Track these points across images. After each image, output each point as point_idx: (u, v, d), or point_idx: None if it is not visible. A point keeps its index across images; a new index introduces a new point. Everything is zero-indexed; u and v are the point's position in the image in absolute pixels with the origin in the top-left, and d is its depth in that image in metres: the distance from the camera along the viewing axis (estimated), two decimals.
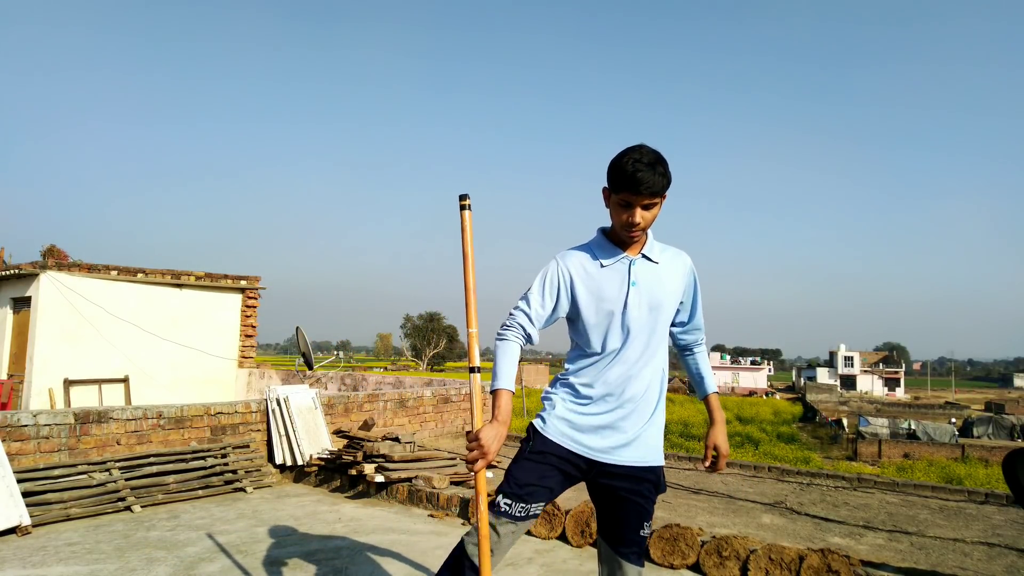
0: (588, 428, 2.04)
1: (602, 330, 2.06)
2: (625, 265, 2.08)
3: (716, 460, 2.16)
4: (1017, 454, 3.32)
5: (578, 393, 2.08)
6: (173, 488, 5.16)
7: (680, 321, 2.23)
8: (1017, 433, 33.55)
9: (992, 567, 3.56)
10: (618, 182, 1.95)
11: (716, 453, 2.15)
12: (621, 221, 2.01)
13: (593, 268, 2.09)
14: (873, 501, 5.08)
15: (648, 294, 2.06)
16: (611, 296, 2.05)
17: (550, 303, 2.10)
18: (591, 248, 2.13)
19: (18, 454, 4.75)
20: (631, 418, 2.04)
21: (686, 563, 3.74)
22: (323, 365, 15.63)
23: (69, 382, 10.59)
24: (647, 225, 2.02)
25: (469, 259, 2.08)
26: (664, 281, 2.10)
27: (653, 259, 2.11)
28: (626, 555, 2.05)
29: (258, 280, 13.14)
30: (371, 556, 3.92)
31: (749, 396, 55.50)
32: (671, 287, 2.11)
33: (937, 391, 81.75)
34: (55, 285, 10.63)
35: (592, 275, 2.08)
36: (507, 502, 2.00)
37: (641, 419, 2.06)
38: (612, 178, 1.98)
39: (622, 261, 2.08)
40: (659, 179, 1.93)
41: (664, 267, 2.12)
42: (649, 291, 2.06)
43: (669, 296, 2.10)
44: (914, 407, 49.39)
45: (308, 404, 6.36)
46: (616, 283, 2.06)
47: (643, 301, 2.05)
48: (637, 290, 2.06)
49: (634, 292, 2.05)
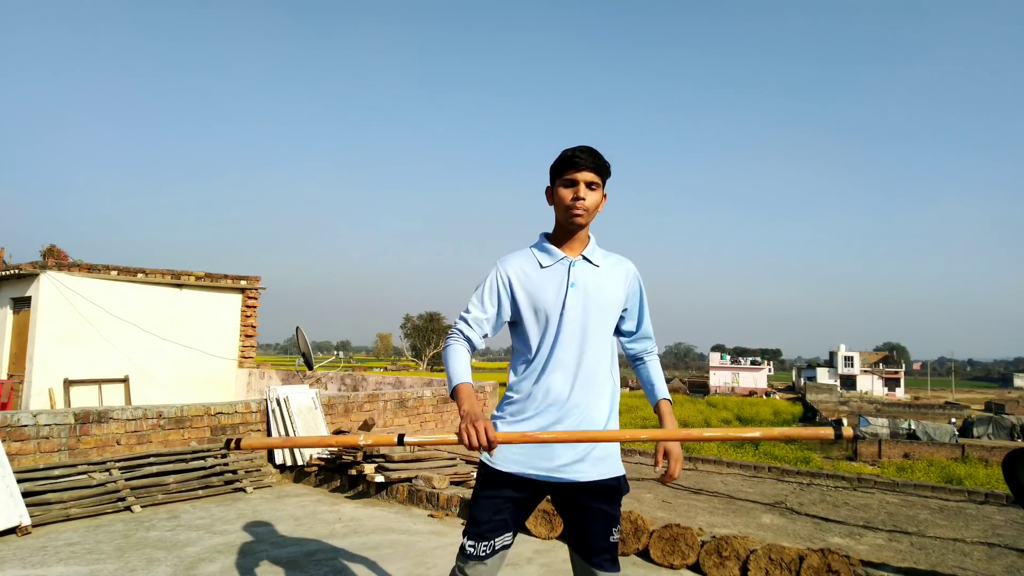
0: (537, 446, 1.98)
1: (539, 332, 2.04)
2: (564, 267, 2.06)
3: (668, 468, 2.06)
4: (1017, 454, 3.32)
5: (522, 407, 2.03)
6: (173, 488, 5.16)
7: (627, 330, 2.19)
8: (1017, 433, 33.58)
9: (992, 567, 3.56)
10: (560, 165, 2.05)
11: (667, 461, 2.07)
12: (566, 203, 2.02)
13: (532, 270, 2.08)
14: (873, 501, 5.08)
15: (588, 297, 2.04)
16: (549, 298, 2.03)
17: (491, 308, 2.08)
18: (532, 251, 2.12)
19: (18, 454, 4.75)
20: (581, 428, 1.98)
21: (686, 563, 3.74)
22: (323, 365, 15.64)
23: (69, 382, 10.59)
24: (591, 208, 2.03)
25: None
26: (605, 285, 2.08)
27: (594, 262, 2.09)
28: (599, 564, 2.01)
29: (258, 280, 13.15)
30: (371, 556, 3.92)
31: (749, 396, 55.55)
32: (612, 291, 2.08)
33: (937, 391, 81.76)
34: (55, 285, 10.63)
35: (531, 277, 2.07)
36: (471, 543, 1.98)
37: (592, 429, 2.00)
38: (555, 167, 2.08)
39: (561, 263, 2.07)
40: (598, 158, 2.03)
41: (605, 271, 2.10)
42: (589, 294, 2.04)
43: (610, 300, 2.07)
44: (914, 407, 49.42)
45: (308, 404, 6.36)
46: (555, 285, 2.04)
47: (582, 304, 2.03)
48: (576, 292, 2.03)
49: (572, 294, 2.03)
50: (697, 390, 61.22)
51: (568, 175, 2.02)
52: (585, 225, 2.07)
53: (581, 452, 1.98)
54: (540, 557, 3.89)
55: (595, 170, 2.02)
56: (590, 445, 1.98)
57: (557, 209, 2.08)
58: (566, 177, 2.02)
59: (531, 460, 1.98)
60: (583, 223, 2.05)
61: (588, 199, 2.01)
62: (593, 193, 2.03)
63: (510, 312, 2.10)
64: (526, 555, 3.93)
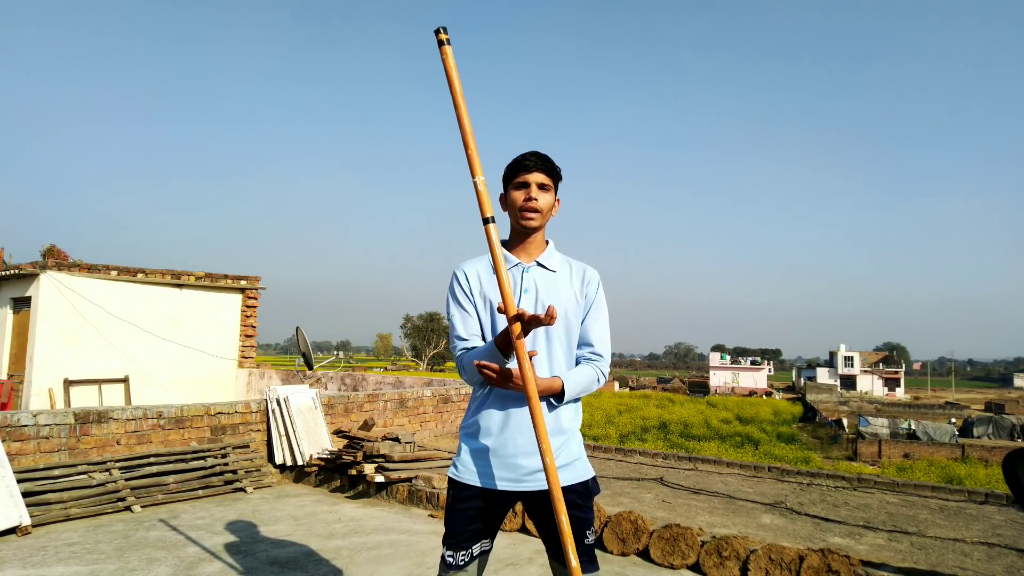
0: (502, 455, 1.98)
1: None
2: (518, 272, 2.06)
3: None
4: (1017, 454, 3.32)
5: (483, 418, 2.02)
6: (173, 488, 5.16)
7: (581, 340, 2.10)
8: (1017, 433, 33.55)
9: (992, 567, 3.56)
10: (511, 169, 2.08)
11: None
12: (519, 205, 2.04)
13: (486, 276, 2.08)
14: (873, 501, 5.08)
15: (540, 302, 2.02)
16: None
17: (472, 313, 2.07)
18: (487, 257, 2.10)
19: (18, 454, 4.75)
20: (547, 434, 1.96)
21: (686, 563, 3.74)
22: (323, 365, 15.64)
23: (69, 382, 10.59)
24: (543, 209, 2.04)
25: (460, 100, 1.82)
26: (562, 290, 2.06)
27: (550, 267, 2.09)
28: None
29: (258, 280, 13.14)
30: (371, 556, 3.92)
31: (749, 396, 55.51)
32: (568, 296, 2.06)
33: (937, 391, 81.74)
34: (55, 285, 10.63)
35: (484, 283, 2.07)
36: (449, 553, 2.01)
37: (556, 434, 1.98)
38: (506, 173, 2.10)
39: (515, 269, 2.07)
40: (548, 161, 2.06)
41: (562, 276, 2.09)
42: (542, 299, 2.03)
43: (569, 306, 2.05)
44: (914, 407, 49.37)
45: (308, 404, 6.36)
46: None
47: (536, 309, 2.00)
48: (529, 298, 2.02)
49: (526, 300, 2.02)
50: (697, 390, 61.20)
51: (519, 178, 2.05)
52: (538, 227, 2.07)
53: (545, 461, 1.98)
54: (540, 557, 3.89)
55: (545, 172, 2.04)
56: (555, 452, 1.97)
57: (511, 213, 2.09)
58: (517, 180, 2.05)
59: (497, 471, 2.00)
60: (535, 225, 2.05)
61: (540, 200, 2.03)
62: (545, 194, 2.05)
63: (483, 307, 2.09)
64: (526, 555, 3.92)
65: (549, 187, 2.06)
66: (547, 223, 2.12)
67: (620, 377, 74.48)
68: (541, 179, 2.04)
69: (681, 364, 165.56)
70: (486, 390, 2.04)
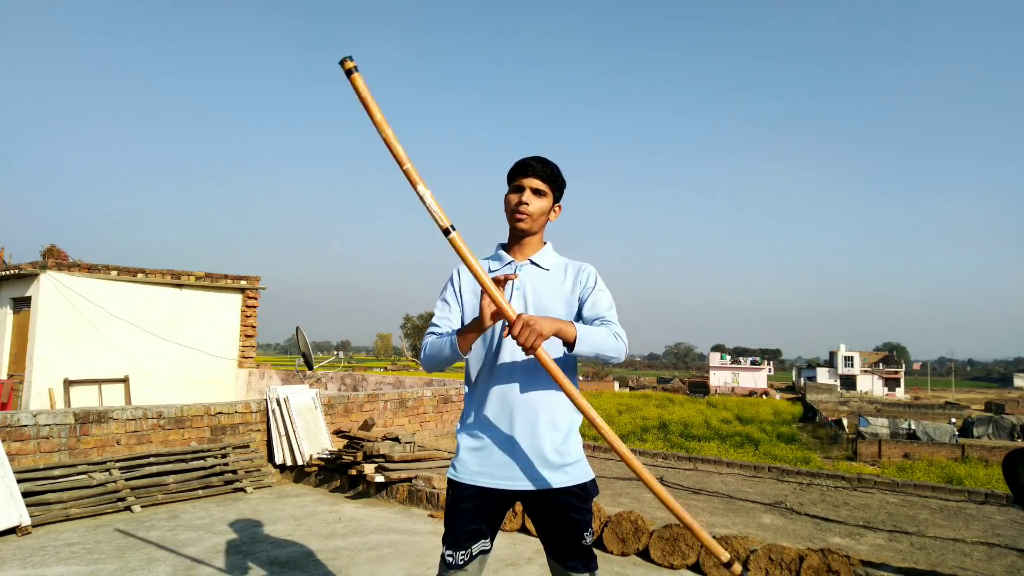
0: (497, 455, 2.00)
1: (487, 337, 2.05)
2: (511, 271, 2.08)
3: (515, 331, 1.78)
4: (1017, 454, 3.32)
5: (477, 417, 2.04)
6: (173, 488, 5.16)
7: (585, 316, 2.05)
8: (1017, 433, 33.55)
9: (992, 567, 3.56)
10: (512, 172, 2.10)
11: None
12: (511, 206, 2.07)
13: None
14: (873, 501, 5.08)
15: (531, 299, 2.04)
16: None
17: (454, 309, 2.11)
18: (485, 258, 2.18)
19: (18, 454, 4.75)
20: (538, 435, 1.98)
21: (686, 563, 3.74)
22: (323, 365, 15.64)
23: (69, 382, 10.59)
24: (534, 213, 2.06)
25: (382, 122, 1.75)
26: (553, 286, 2.08)
27: (543, 266, 2.10)
28: (573, 567, 2.04)
29: (258, 280, 13.14)
30: (371, 556, 3.92)
31: (749, 396, 55.53)
32: (560, 291, 2.08)
33: (937, 391, 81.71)
34: (55, 285, 10.63)
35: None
36: (449, 553, 2.01)
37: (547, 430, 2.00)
38: (508, 175, 2.11)
39: (508, 267, 2.10)
40: (548, 166, 2.07)
41: (555, 273, 2.11)
42: (532, 295, 2.05)
43: (560, 301, 2.06)
44: (914, 407, 49.35)
45: (308, 404, 6.36)
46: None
47: (528, 306, 2.04)
48: (521, 295, 2.05)
49: (518, 297, 2.04)
50: (697, 390, 61.19)
51: (517, 181, 2.07)
52: (529, 230, 2.09)
53: (544, 461, 1.99)
54: (540, 557, 3.89)
55: (544, 178, 2.06)
56: (552, 453, 1.99)
57: (506, 214, 2.12)
58: (514, 183, 2.08)
59: (496, 471, 2.00)
60: (525, 227, 2.07)
61: (532, 204, 2.05)
62: (539, 199, 2.07)
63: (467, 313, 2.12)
64: (526, 555, 3.93)
65: (546, 193, 2.07)
66: (544, 227, 2.14)
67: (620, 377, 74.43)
68: (537, 184, 2.06)
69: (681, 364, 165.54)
70: (478, 374, 2.07)
